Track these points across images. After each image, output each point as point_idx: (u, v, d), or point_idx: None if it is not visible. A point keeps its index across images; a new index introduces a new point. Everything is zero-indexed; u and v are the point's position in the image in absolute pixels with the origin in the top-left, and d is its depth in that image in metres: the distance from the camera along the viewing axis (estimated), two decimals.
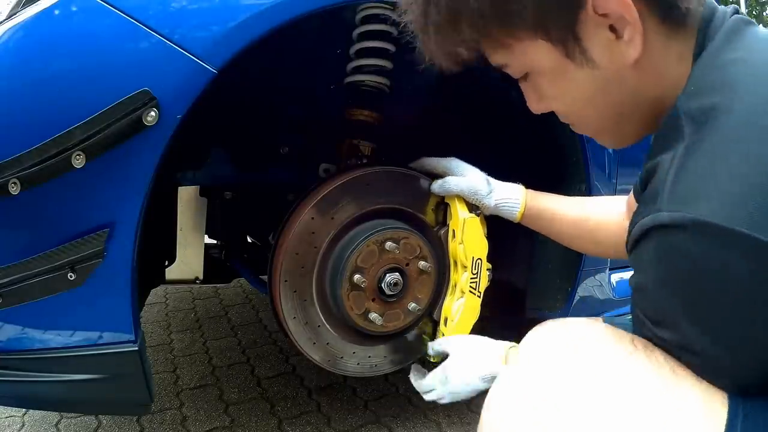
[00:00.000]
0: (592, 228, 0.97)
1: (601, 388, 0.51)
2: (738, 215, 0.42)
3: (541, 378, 0.55)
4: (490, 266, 1.04)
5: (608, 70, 0.57)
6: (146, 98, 0.73)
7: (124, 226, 0.77)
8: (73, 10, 0.73)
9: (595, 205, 1.00)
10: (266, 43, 0.79)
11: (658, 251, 0.48)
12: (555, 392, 0.53)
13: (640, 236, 0.50)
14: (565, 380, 0.53)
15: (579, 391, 0.51)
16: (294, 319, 0.99)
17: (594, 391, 0.51)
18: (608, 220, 0.96)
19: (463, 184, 0.99)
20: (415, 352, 1.10)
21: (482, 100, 1.30)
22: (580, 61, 0.57)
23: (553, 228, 1.01)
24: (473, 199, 0.99)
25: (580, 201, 1.01)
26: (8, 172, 0.71)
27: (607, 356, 0.53)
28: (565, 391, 0.52)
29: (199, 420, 1.36)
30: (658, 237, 0.48)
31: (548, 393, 0.53)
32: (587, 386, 0.51)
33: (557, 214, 0.99)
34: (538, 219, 1.00)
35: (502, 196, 1.00)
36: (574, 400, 0.51)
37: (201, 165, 1.24)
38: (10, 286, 0.77)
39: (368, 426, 1.36)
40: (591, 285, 1.28)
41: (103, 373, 0.83)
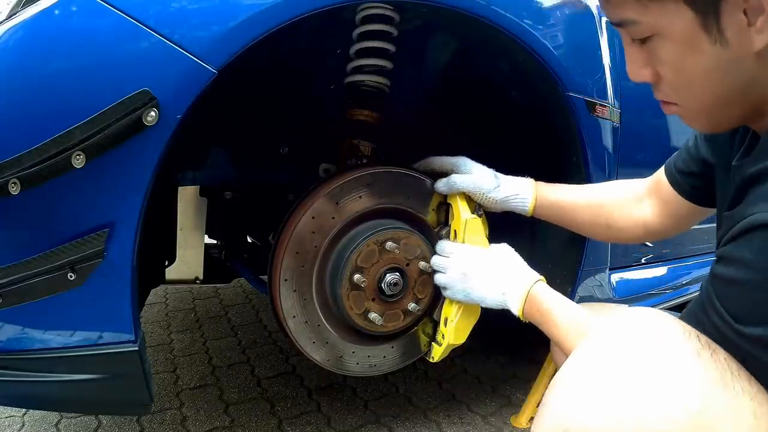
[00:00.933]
0: (607, 214, 0.98)
1: (666, 389, 0.51)
2: None
3: (610, 373, 0.55)
4: None
5: (734, 53, 0.56)
6: (146, 98, 0.73)
7: (124, 226, 0.77)
8: (73, 10, 0.72)
9: (608, 190, 1.00)
10: (266, 43, 0.79)
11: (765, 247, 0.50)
12: (623, 389, 0.53)
13: (747, 229, 0.52)
14: (634, 378, 0.53)
15: (646, 390, 0.52)
16: (294, 319, 0.99)
17: (659, 391, 0.51)
18: (625, 203, 0.96)
19: (468, 181, 0.99)
20: (415, 352, 1.10)
21: (482, 100, 1.30)
22: (713, 37, 0.56)
23: (568, 217, 1.01)
24: (479, 195, 0.99)
25: (592, 188, 1.02)
26: (8, 172, 0.71)
27: (677, 357, 0.53)
28: (633, 389, 0.53)
29: (199, 420, 1.36)
30: (765, 234, 0.50)
31: (616, 390, 0.54)
32: (652, 385, 0.52)
33: (570, 204, 0.99)
34: (551, 210, 1.00)
35: (512, 191, 1.00)
36: (642, 400, 0.52)
37: (201, 165, 1.24)
38: (10, 286, 0.77)
39: (368, 426, 1.36)
40: (591, 285, 1.28)
41: (103, 373, 0.83)
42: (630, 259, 1.55)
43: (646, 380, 0.52)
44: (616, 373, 0.54)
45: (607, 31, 1.21)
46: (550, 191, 1.01)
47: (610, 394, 0.53)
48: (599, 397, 0.54)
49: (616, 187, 1.00)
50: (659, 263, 1.68)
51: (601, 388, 0.54)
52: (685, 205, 0.90)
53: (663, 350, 0.54)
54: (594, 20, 1.17)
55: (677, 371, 0.52)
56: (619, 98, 1.23)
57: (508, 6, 0.96)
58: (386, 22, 1.04)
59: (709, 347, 0.54)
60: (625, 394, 0.52)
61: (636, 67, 0.64)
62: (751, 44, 0.55)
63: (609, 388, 0.54)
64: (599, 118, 1.14)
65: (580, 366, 0.59)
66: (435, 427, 1.36)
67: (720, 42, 0.56)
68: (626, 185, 1.00)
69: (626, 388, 0.53)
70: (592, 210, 0.98)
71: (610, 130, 1.20)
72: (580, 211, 0.99)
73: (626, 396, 0.52)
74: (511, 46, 1.02)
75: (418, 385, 1.57)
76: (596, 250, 1.26)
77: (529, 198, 0.99)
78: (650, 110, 1.46)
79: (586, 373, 0.57)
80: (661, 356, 0.54)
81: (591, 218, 0.99)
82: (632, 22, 0.60)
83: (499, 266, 0.92)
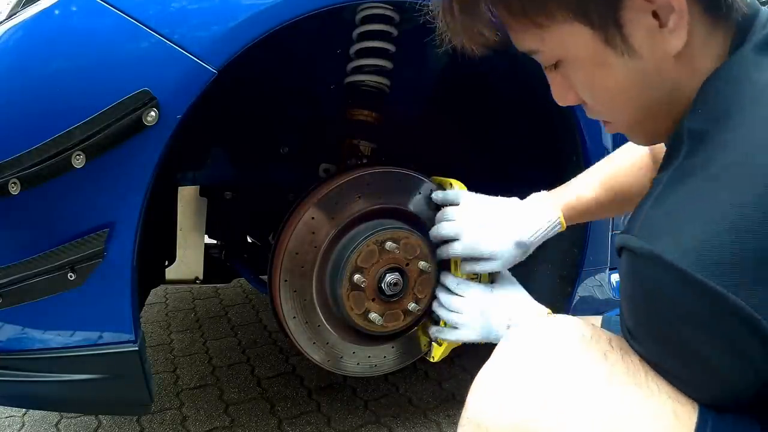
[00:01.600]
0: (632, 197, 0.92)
1: (570, 390, 0.51)
2: (690, 259, 0.43)
3: (517, 376, 0.55)
4: None
5: (648, 61, 0.53)
6: (146, 98, 0.73)
7: (124, 226, 0.77)
8: (73, 10, 0.73)
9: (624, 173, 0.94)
10: (266, 43, 0.79)
11: (628, 273, 0.50)
12: (528, 392, 0.53)
13: (617, 248, 0.52)
14: (539, 381, 0.53)
15: (551, 392, 0.51)
16: (294, 319, 0.99)
17: (563, 393, 0.51)
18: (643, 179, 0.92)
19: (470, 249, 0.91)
20: (416, 352, 1.10)
21: (482, 100, 1.30)
22: (620, 50, 0.53)
23: (596, 215, 0.98)
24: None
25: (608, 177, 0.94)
26: (8, 172, 0.71)
27: (582, 359, 0.53)
28: (538, 391, 0.52)
29: (199, 420, 1.36)
30: (628, 259, 0.49)
31: (522, 392, 0.53)
32: (558, 388, 0.51)
33: (596, 207, 0.94)
34: (578, 218, 0.95)
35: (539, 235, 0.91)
36: (546, 401, 0.51)
37: (201, 165, 1.24)
38: (10, 286, 0.77)
39: (368, 426, 1.36)
40: (591, 285, 1.28)
41: (103, 373, 0.83)
42: None
43: (549, 380, 0.52)
44: (522, 374, 0.54)
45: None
46: (573, 204, 0.93)
47: (517, 396, 0.52)
48: (511, 395, 0.53)
49: (630, 167, 0.94)
50: None
51: (512, 387, 0.54)
52: None
53: (567, 351, 0.53)
54: None
55: (581, 370, 0.51)
56: None
57: None
58: (386, 22, 1.04)
59: (621, 350, 0.53)
60: (531, 394, 0.52)
61: (560, 94, 0.63)
62: (667, 47, 0.52)
63: (519, 388, 0.53)
64: None
65: (494, 366, 0.58)
66: (435, 427, 1.36)
67: (628, 53, 0.53)
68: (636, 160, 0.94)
69: (532, 389, 0.52)
70: (616, 203, 0.95)
71: None
72: (606, 208, 0.95)
73: (532, 396, 0.51)
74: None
75: (418, 385, 1.57)
76: (596, 250, 1.26)
77: (557, 222, 0.91)
78: None
79: (500, 372, 0.57)
80: (565, 357, 0.53)
81: (618, 210, 0.98)
82: (536, 51, 0.59)
83: (509, 303, 0.90)
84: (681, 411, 0.49)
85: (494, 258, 0.89)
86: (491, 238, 0.88)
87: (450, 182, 1.03)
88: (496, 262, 0.89)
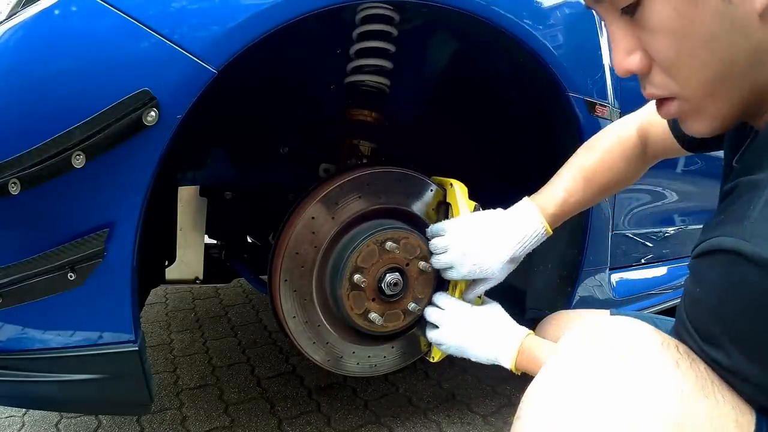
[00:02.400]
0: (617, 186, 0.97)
1: (644, 399, 0.50)
2: None
3: (584, 385, 0.53)
4: None
5: (737, 10, 0.49)
6: (146, 98, 0.73)
7: (124, 226, 0.77)
8: (73, 10, 0.72)
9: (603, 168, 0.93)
10: (266, 43, 0.79)
11: (729, 276, 0.49)
12: (598, 401, 0.51)
13: (711, 251, 0.50)
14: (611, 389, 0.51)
15: (624, 400, 0.50)
16: (294, 319, 0.99)
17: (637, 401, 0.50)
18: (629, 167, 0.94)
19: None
20: (416, 352, 1.10)
21: (481, 100, 1.30)
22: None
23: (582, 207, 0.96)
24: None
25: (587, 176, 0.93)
26: (8, 172, 0.71)
27: (655, 367, 0.52)
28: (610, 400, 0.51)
29: (199, 420, 1.36)
30: (731, 263, 0.48)
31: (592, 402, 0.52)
32: (630, 395, 0.50)
33: (579, 205, 0.94)
34: (563, 216, 0.95)
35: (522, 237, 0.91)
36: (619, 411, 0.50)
37: (201, 165, 1.24)
38: (10, 286, 0.77)
39: (368, 426, 1.36)
40: (591, 285, 1.28)
41: (103, 373, 0.83)
42: (630, 259, 1.55)
43: (623, 390, 0.50)
44: (592, 383, 0.52)
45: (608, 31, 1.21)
46: (557, 210, 0.92)
47: (587, 406, 0.51)
48: (576, 409, 0.52)
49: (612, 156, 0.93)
50: (659, 263, 1.68)
51: (578, 399, 0.52)
52: (681, 149, 0.89)
53: (640, 360, 0.52)
54: (594, 20, 1.17)
55: (656, 381, 0.50)
56: (619, 98, 1.23)
57: (508, 6, 0.96)
58: (386, 22, 1.05)
59: (689, 357, 0.53)
60: (602, 405, 0.50)
61: (623, 53, 0.56)
62: (753, 2, 0.49)
63: (585, 400, 0.51)
64: (599, 118, 1.14)
65: (555, 376, 0.56)
66: (435, 428, 1.36)
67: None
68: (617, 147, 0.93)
69: (603, 399, 0.51)
70: (598, 195, 0.96)
71: None
72: (588, 202, 0.96)
73: (603, 407, 0.50)
74: (511, 46, 1.02)
75: (418, 385, 1.57)
76: (596, 250, 1.26)
77: (541, 228, 0.91)
78: None
79: (561, 383, 0.55)
80: (638, 366, 0.52)
81: (599, 199, 0.98)
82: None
83: (490, 329, 0.93)
84: (742, 420, 0.50)
85: (488, 278, 0.93)
86: (481, 261, 0.91)
87: (450, 182, 1.03)
88: (491, 281, 0.94)
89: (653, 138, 0.93)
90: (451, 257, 0.93)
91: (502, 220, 0.92)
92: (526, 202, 0.93)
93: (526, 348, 0.88)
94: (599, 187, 0.94)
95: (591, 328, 0.58)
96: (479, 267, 0.91)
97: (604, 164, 0.93)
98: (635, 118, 0.96)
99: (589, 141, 0.98)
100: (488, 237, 0.91)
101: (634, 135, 0.94)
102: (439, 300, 1.00)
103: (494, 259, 0.90)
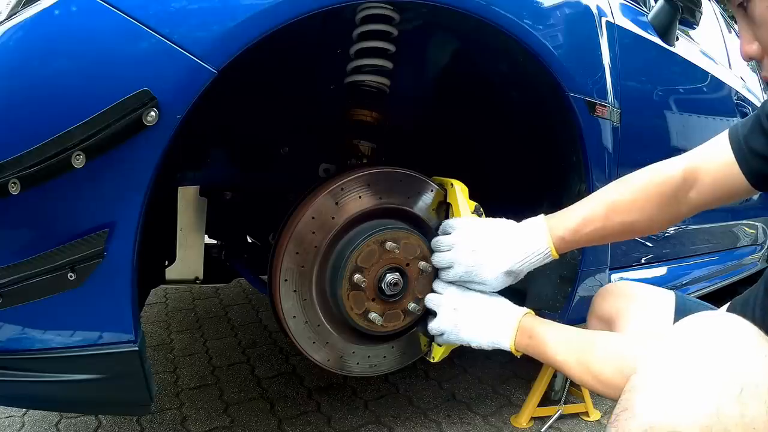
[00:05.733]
0: (636, 232, 0.91)
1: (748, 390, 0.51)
2: None
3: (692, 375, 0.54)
4: None
5: None
6: (146, 98, 0.73)
7: (125, 226, 0.77)
8: (73, 10, 0.72)
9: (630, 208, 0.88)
10: (266, 42, 0.79)
11: None
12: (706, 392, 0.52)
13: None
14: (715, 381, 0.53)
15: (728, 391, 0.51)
16: (294, 319, 0.99)
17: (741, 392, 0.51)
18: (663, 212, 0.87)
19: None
20: (415, 352, 1.10)
21: (482, 100, 1.30)
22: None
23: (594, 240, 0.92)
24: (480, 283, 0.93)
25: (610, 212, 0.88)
26: (8, 172, 0.71)
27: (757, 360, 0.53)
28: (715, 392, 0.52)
29: (199, 420, 1.36)
30: None
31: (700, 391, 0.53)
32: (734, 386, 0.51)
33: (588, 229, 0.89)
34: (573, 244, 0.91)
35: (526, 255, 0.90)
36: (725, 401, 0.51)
37: (201, 165, 1.24)
38: (10, 286, 0.77)
39: (368, 426, 1.36)
40: (591, 285, 1.28)
41: (103, 373, 0.83)
42: (630, 259, 1.55)
43: (727, 382, 0.52)
44: (698, 375, 0.53)
45: (607, 31, 1.21)
46: (568, 236, 0.89)
47: (693, 396, 0.52)
48: (683, 399, 0.52)
49: (644, 197, 0.87)
50: (659, 263, 1.69)
51: (685, 389, 0.53)
52: (743, 188, 0.82)
53: (743, 354, 0.53)
54: (594, 20, 1.17)
55: (759, 375, 0.52)
56: (619, 98, 1.23)
57: (509, 6, 0.96)
58: (386, 22, 1.04)
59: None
60: (708, 396, 0.51)
61: (745, 42, 0.66)
62: None
63: (693, 390, 0.52)
64: (599, 119, 1.15)
65: (662, 369, 0.57)
66: (435, 428, 1.36)
67: None
68: (658, 187, 0.86)
69: (710, 390, 0.52)
70: (617, 234, 0.90)
71: (610, 130, 1.20)
72: (604, 238, 0.91)
73: (711, 398, 0.51)
74: (511, 47, 1.02)
75: (418, 386, 1.57)
76: (596, 249, 1.26)
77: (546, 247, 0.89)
78: (650, 110, 1.46)
79: (668, 375, 0.56)
80: (741, 359, 0.53)
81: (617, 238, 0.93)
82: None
83: (487, 310, 0.92)
84: None
85: (484, 284, 0.93)
86: (481, 268, 0.91)
87: (450, 182, 1.03)
88: (486, 287, 0.94)
89: (704, 179, 0.85)
90: (453, 256, 0.93)
91: (510, 231, 0.92)
92: (539, 220, 0.91)
93: (526, 327, 0.88)
94: (622, 224, 0.88)
95: (693, 323, 0.59)
96: (476, 271, 0.91)
97: (634, 203, 0.87)
98: (684, 158, 0.87)
99: (628, 175, 0.91)
100: (492, 244, 0.91)
101: (679, 175, 0.86)
102: (437, 286, 1.00)
103: (492, 267, 0.90)
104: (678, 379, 0.54)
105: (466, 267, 0.92)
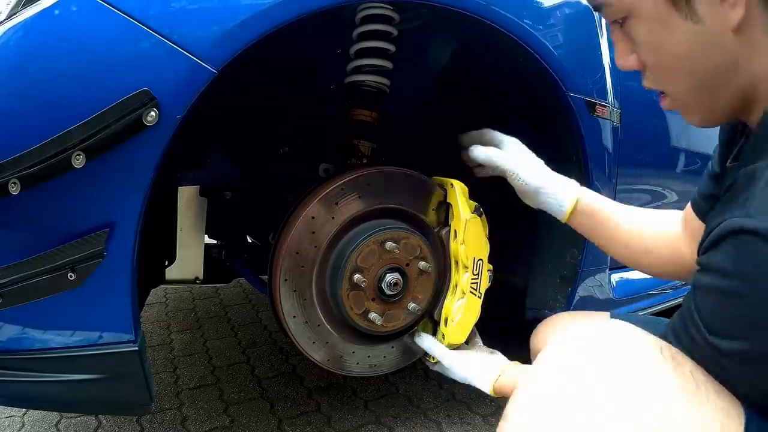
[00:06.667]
0: (647, 243, 0.92)
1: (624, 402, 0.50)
2: None
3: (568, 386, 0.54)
4: (491, 267, 1.04)
5: (710, 29, 0.56)
6: (146, 98, 0.73)
7: (125, 226, 0.77)
8: (73, 10, 0.72)
9: (650, 220, 0.94)
10: (266, 42, 0.79)
11: (739, 254, 0.49)
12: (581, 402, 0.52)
13: (720, 237, 0.51)
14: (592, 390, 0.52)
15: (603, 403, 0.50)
16: (294, 319, 0.99)
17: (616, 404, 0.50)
18: (664, 236, 0.91)
19: (505, 159, 0.97)
20: (415, 352, 1.10)
21: (482, 100, 1.30)
22: (684, 13, 0.56)
23: (603, 233, 0.95)
24: (513, 176, 0.96)
25: (634, 212, 0.95)
26: (8, 172, 0.71)
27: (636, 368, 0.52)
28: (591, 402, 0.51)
29: (199, 420, 1.36)
30: (740, 242, 0.48)
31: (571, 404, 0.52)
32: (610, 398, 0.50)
33: (611, 221, 0.93)
34: (589, 220, 0.94)
35: (550, 187, 0.94)
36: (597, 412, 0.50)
37: (201, 165, 1.24)
38: (10, 286, 0.77)
39: (368, 426, 1.36)
40: (591, 285, 1.28)
41: (103, 373, 0.83)
42: None
43: (604, 392, 0.51)
44: (575, 385, 0.53)
45: (607, 31, 1.21)
46: (596, 201, 0.94)
47: (569, 406, 0.51)
48: (557, 411, 0.52)
49: (660, 218, 0.94)
50: None
51: (560, 401, 0.52)
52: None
53: (623, 362, 0.52)
54: (594, 20, 1.17)
55: (636, 385, 0.50)
56: (619, 98, 1.23)
57: (509, 6, 0.96)
58: (386, 22, 1.04)
59: (673, 360, 0.53)
60: (583, 406, 0.51)
61: (622, 54, 0.65)
62: (727, 20, 0.54)
63: (567, 401, 0.52)
64: (599, 118, 1.15)
65: (538, 379, 0.57)
66: (435, 428, 1.36)
67: (691, 17, 0.56)
68: (669, 217, 0.93)
69: (585, 400, 0.51)
70: (630, 234, 0.93)
71: (610, 130, 1.20)
72: (619, 231, 0.93)
73: (585, 409, 0.51)
74: (511, 46, 1.02)
75: (418, 385, 1.57)
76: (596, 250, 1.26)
77: (567, 201, 0.93)
78: (650, 110, 1.46)
79: (543, 388, 0.55)
80: (620, 368, 0.52)
81: (626, 241, 0.94)
82: (607, 4, 0.62)
83: (470, 369, 0.98)
84: (728, 424, 0.50)
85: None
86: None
87: (450, 182, 1.03)
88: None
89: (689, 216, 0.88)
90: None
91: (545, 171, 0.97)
92: (573, 181, 0.97)
93: (508, 375, 0.92)
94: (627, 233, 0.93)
95: (581, 330, 0.59)
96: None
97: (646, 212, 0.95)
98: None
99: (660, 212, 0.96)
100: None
101: (677, 228, 0.91)
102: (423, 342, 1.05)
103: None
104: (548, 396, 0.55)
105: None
